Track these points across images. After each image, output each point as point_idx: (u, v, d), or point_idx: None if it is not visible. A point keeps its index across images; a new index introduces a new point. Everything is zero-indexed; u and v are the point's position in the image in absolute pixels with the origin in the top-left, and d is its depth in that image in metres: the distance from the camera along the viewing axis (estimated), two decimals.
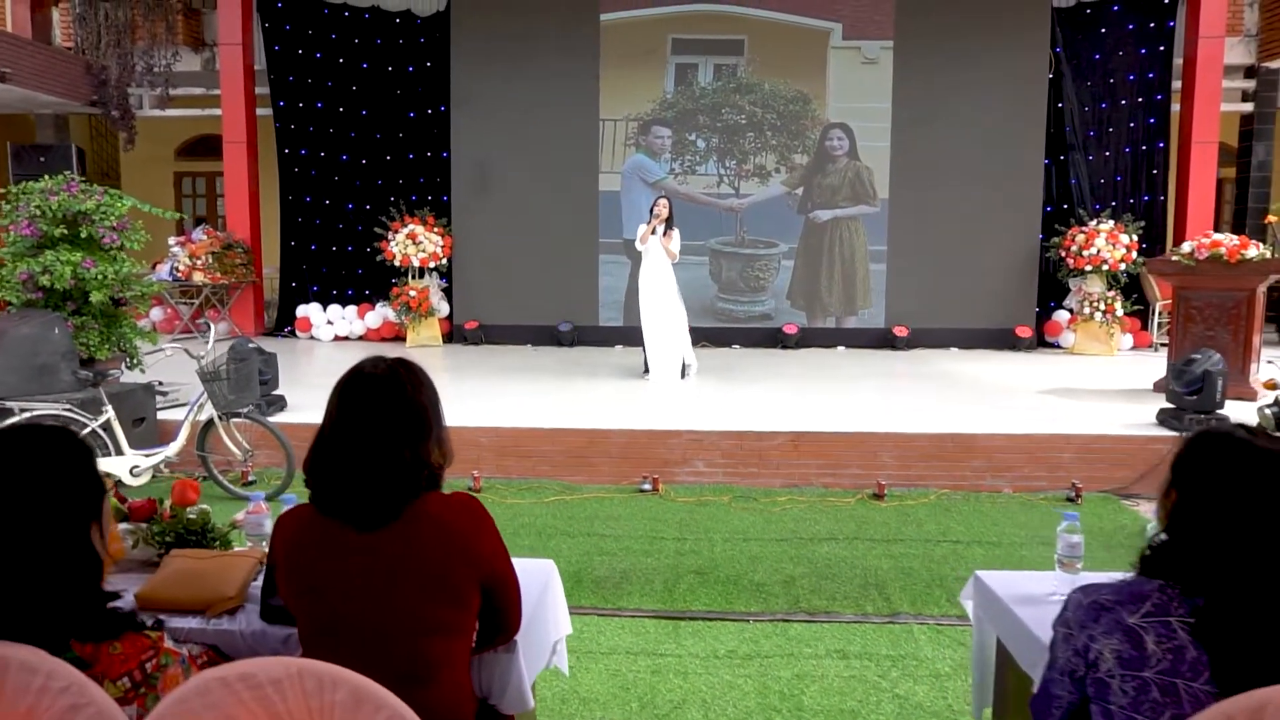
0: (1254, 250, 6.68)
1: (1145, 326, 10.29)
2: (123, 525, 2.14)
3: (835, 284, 10.51)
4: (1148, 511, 5.33)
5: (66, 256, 5.58)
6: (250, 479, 5.61)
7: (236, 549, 2.17)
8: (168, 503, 2.21)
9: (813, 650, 3.45)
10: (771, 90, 10.34)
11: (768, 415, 6.45)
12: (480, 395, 7.22)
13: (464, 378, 8.30)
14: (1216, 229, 10.35)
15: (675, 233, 7.63)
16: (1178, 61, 10.45)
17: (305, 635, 1.58)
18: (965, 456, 5.70)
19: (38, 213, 5.61)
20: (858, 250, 10.46)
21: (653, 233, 7.52)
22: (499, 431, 5.88)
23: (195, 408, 5.11)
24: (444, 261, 10.52)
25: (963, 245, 10.28)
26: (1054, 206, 10.50)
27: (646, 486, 5.60)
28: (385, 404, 1.59)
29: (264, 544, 2.17)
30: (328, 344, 10.83)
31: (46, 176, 5.76)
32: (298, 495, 1.91)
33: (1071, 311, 10.22)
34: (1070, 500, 5.41)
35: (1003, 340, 10.30)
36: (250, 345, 6.11)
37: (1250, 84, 10.85)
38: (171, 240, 10.63)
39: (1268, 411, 4.56)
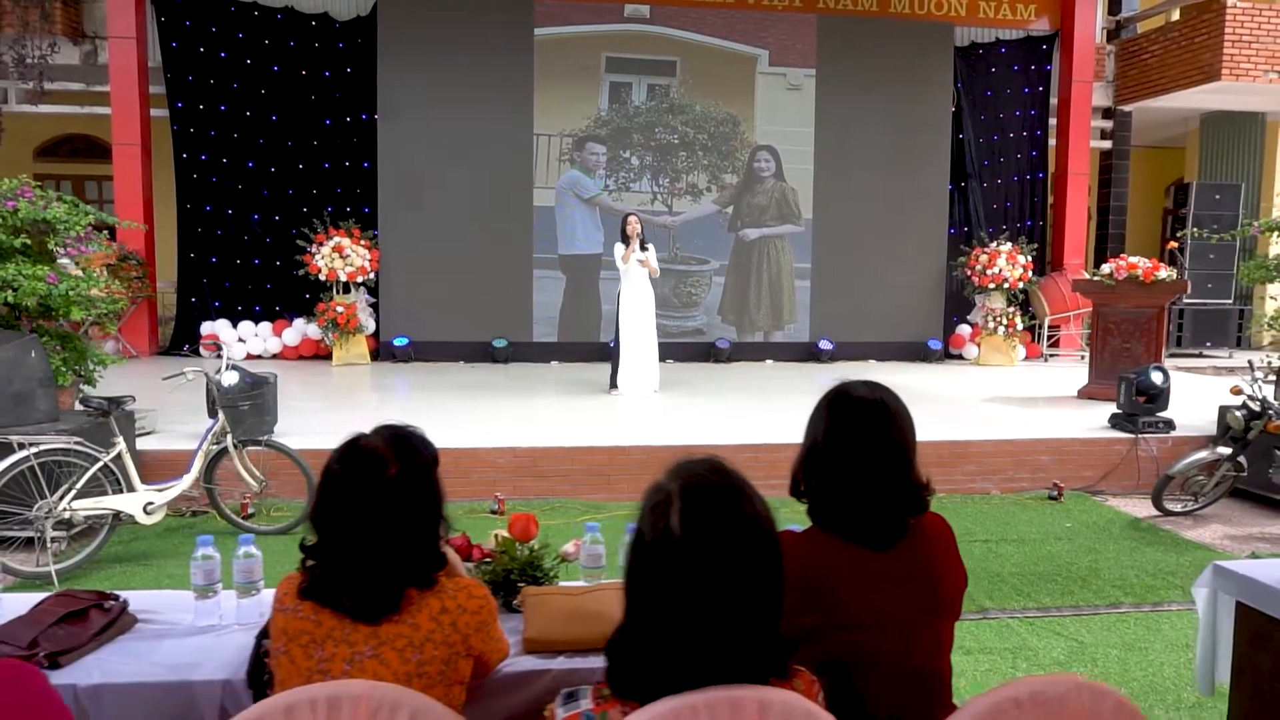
0: (1164, 272, 7.58)
1: (1035, 339, 11.35)
2: None
3: (763, 300, 10.93)
4: (1118, 505, 5.95)
5: (30, 271, 4.98)
6: (250, 512, 5.20)
7: (568, 584, 2.08)
8: (505, 534, 2.09)
9: None
10: (703, 111, 10.64)
11: (751, 428, 6.63)
12: (449, 414, 7.00)
13: (423, 397, 7.98)
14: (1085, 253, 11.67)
15: (651, 248, 7.72)
16: (1054, 101, 11.65)
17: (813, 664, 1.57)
18: (958, 461, 6.12)
19: None
20: (784, 268, 10.92)
21: (642, 248, 7.56)
22: (516, 451, 5.75)
23: (209, 436, 4.69)
24: (371, 276, 10.08)
25: (879, 264, 10.96)
26: (957, 229, 11.41)
27: None
28: (886, 426, 1.63)
29: (603, 576, 2.11)
30: (241, 364, 10.05)
31: (5, 180, 5.11)
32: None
33: (972, 325, 11.13)
34: (1053, 499, 5.94)
35: (914, 353, 11.06)
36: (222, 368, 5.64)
37: (1109, 124, 12.23)
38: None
39: (1238, 414, 5.23)
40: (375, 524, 1.44)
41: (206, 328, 10.36)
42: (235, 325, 10.36)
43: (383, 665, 1.40)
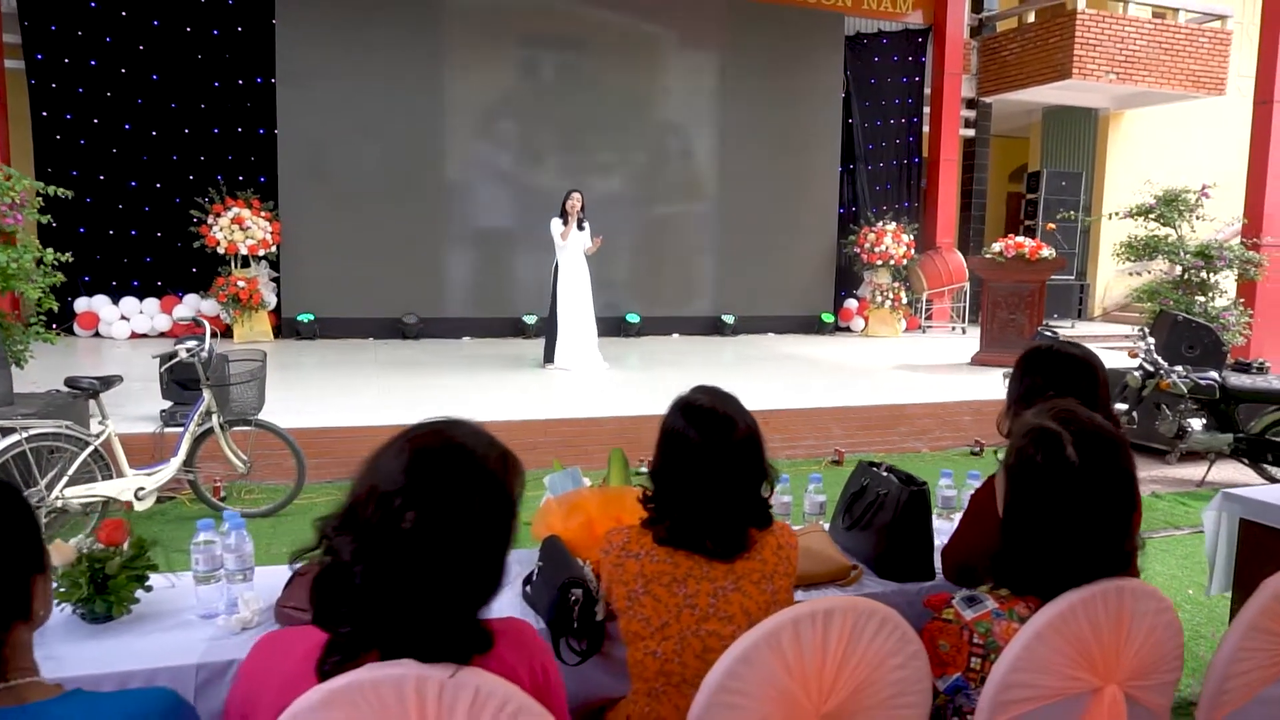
0: (1047, 251, 8.50)
1: (914, 312, 12.32)
2: None
3: (670, 275, 11.25)
4: None
5: None
6: (222, 495, 4.98)
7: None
8: None
9: None
10: (612, 88, 10.76)
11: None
12: (393, 391, 6.88)
13: (356, 374, 7.74)
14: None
15: (587, 226, 7.81)
16: (928, 91, 12.59)
17: None
18: (894, 423, 6.69)
19: None
20: (690, 244, 11.28)
21: (579, 227, 7.64)
22: (492, 426, 5.74)
23: (197, 417, 4.46)
24: (273, 249, 9.59)
25: (777, 241, 11.54)
26: (845, 209, 12.16)
27: (644, 469, 5.85)
28: (1097, 374, 1.95)
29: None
30: (125, 343, 9.35)
31: None
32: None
33: (859, 299, 11.94)
34: (975, 454, 6.62)
35: (808, 326, 11.76)
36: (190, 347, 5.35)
37: (972, 114, 13.35)
38: None
39: (1136, 374, 6.04)
40: (731, 477, 1.60)
41: (81, 304, 9.53)
42: (116, 302, 9.58)
43: (745, 596, 1.57)
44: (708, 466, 1.59)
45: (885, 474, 2.29)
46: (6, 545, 1.01)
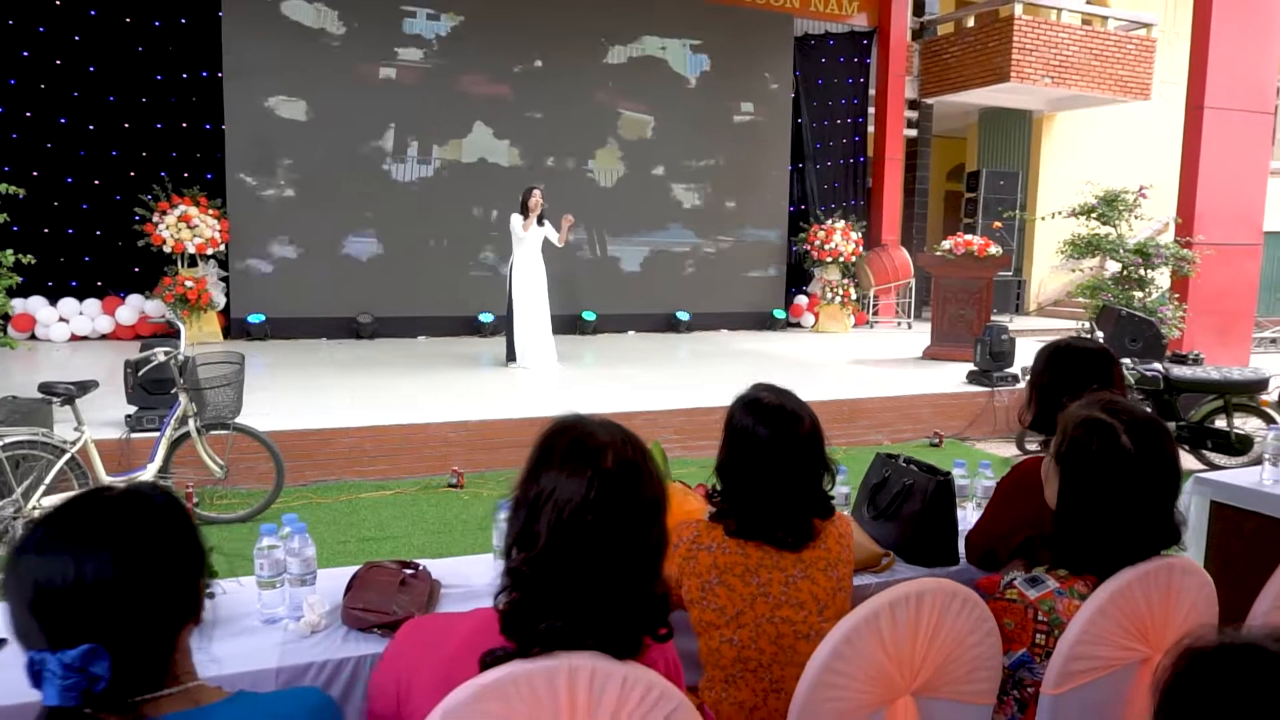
0: (994, 249, 8.82)
1: (862, 308, 12.62)
2: None
3: (625, 273, 11.30)
4: (984, 448, 6.98)
5: None
6: (195, 501, 4.87)
7: None
8: None
9: None
10: (565, 86, 10.75)
11: (664, 394, 7.03)
12: (361, 390, 6.80)
13: (324, 376, 7.61)
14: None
15: (547, 224, 7.80)
16: (872, 92, 12.90)
17: None
18: (856, 416, 6.88)
19: None
20: (645, 243, 11.35)
21: (539, 224, 7.63)
22: (466, 425, 5.78)
23: (173, 421, 4.36)
24: (221, 248, 9.34)
25: (729, 239, 11.71)
26: (795, 207, 12.40)
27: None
28: (1111, 367, 2.08)
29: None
30: (64, 345, 9.00)
31: None
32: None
33: (809, 296, 12.19)
34: (934, 445, 6.86)
35: (760, 322, 11.96)
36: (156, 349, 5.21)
37: (914, 114, 13.73)
38: None
39: None
40: (798, 470, 1.67)
41: (16, 305, 9.11)
42: (54, 303, 9.21)
43: (813, 584, 1.65)
44: (776, 461, 1.66)
45: (905, 465, 2.40)
46: (182, 551, 1.03)
